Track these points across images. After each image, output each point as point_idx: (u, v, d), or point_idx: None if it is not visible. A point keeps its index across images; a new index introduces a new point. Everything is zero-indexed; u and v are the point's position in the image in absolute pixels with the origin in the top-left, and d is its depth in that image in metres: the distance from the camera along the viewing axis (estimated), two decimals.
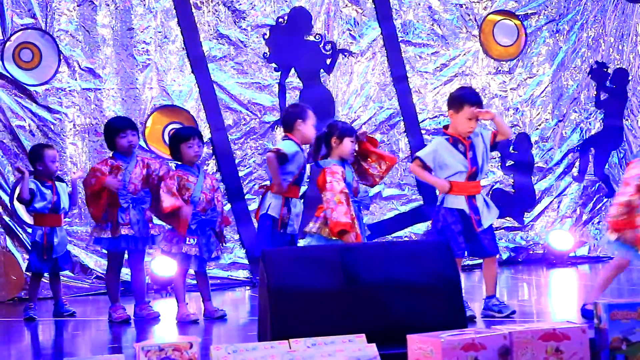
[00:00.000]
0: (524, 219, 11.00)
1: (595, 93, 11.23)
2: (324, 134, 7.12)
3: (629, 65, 11.27)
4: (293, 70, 10.40)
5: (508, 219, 10.92)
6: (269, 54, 10.31)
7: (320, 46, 10.51)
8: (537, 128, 11.07)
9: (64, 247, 8.30)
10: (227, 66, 10.21)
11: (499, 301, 7.00)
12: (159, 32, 10.03)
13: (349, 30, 10.60)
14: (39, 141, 9.35)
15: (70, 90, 9.78)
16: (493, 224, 7.12)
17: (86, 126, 9.80)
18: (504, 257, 10.59)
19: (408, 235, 10.57)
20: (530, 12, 11.10)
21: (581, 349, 4.66)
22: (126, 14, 9.93)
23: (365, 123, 10.50)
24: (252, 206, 10.09)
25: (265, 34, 10.31)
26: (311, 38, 10.49)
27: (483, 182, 7.61)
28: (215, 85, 10.14)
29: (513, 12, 11.06)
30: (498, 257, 7.11)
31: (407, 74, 10.71)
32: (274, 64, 10.34)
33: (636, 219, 6.43)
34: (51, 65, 9.73)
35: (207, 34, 10.16)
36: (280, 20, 10.37)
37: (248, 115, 10.24)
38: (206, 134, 9.78)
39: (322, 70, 10.49)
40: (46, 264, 8.20)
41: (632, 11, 11.31)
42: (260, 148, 10.23)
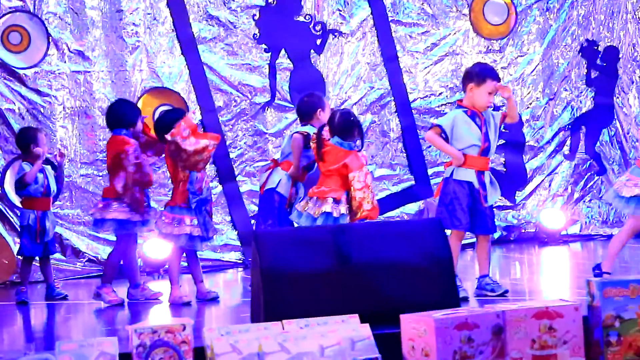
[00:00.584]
0: (515, 197, 11.00)
1: (586, 71, 11.21)
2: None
3: (619, 43, 11.25)
4: (283, 51, 10.36)
5: (500, 197, 10.91)
6: (259, 35, 10.27)
7: (310, 27, 10.47)
8: (527, 107, 11.06)
9: (53, 231, 8.33)
10: (217, 47, 10.17)
11: (492, 280, 7.01)
12: (148, 13, 9.98)
13: (339, 10, 10.56)
14: (28, 124, 9.32)
15: (59, 73, 9.74)
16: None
17: (76, 109, 9.76)
18: (495, 236, 10.58)
19: (400, 215, 10.57)
20: None
21: (574, 326, 4.67)
22: None
23: (356, 103, 10.48)
24: (244, 188, 10.09)
25: (255, 14, 10.27)
26: (301, 19, 10.45)
27: None
28: (205, 67, 10.09)
29: None
30: (490, 237, 7.12)
31: (398, 54, 10.68)
32: (264, 45, 10.30)
33: None
34: (40, 48, 9.68)
35: (197, 15, 10.11)
36: (270, 1, 10.32)
37: (238, 97, 10.21)
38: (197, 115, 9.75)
39: (312, 51, 10.46)
40: (38, 247, 8.22)
41: None
42: (250, 129, 10.21)
